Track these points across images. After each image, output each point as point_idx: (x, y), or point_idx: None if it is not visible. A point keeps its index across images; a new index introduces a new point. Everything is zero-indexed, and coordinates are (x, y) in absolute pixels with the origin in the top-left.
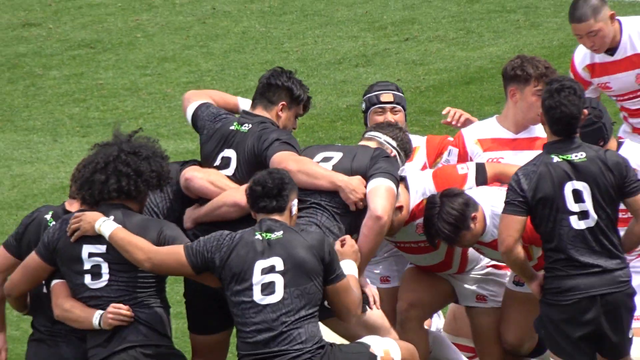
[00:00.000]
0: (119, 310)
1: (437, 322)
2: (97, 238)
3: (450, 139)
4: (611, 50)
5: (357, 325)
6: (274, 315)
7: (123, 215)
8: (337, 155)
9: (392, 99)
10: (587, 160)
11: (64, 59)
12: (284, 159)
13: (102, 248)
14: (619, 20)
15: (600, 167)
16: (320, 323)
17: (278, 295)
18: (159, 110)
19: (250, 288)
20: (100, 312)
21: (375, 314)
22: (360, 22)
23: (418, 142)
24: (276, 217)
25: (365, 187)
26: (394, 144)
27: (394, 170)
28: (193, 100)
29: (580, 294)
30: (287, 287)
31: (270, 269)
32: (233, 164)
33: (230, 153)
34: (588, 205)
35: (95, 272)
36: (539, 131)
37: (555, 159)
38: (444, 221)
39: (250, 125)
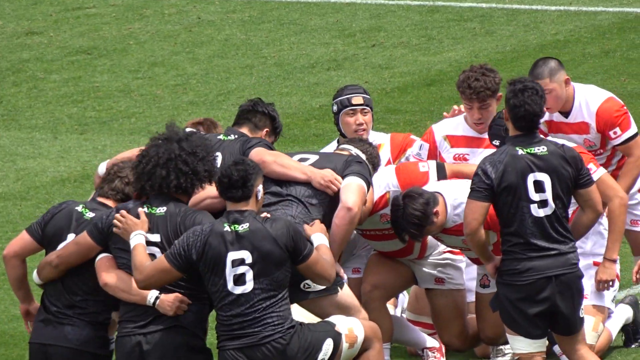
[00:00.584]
0: (184, 302)
1: (402, 301)
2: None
3: (413, 136)
4: (565, 113)
5: (331, 306)
6: (247, 303)
7: (175, 207)
8: (313, 158)
9: (362, 102)
10: (549, 154)
11: (63, 64)
12: (261, 152)
13: (156, 237)
14: (573, 86)
15: (559, 161)
16: (296, 305)
17: (249, 286)
18: (150, 110)
19: (223, 277)
20: (156, 293)
21: (347, 295)
22: (332, 29)
23: (382, 139)
24: (243, 205)
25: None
26: (364, 157)
27: (365, 172)
28: None
29: (537, 274)
30: (256, 277)
31: (240, 262)
32: (217, 163)
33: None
34: (548, 195)
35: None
36: None
37: (520, 151)
38: (408, 222)
39: (236, 136)
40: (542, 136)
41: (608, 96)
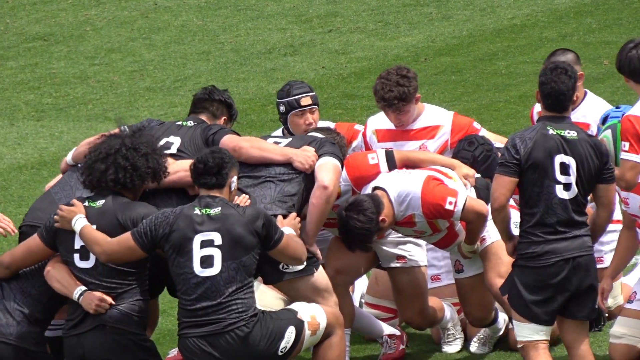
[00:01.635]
0: (104, 301)
1: (361, 285)
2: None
3: (358, 126)
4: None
5: (307, 288)
6: (212, 286)
7: (112, 200)
8: (285, 141)
9: (310, 102)
10: (578, 139)
11: (20, 51)
12: (235, 139)
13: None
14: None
15: (587, 149)
16: (271, 287)
17: (216, 268)
18: (107, 97)
19: (190, 260)
20: (83, 288)
21: (323, 277)
22: (288, 15)
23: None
24: (216, 192)
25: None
26: None
27: (338, 152)
28: None
29: (555, 257)
30: (224, 260)
31: (209, 243)
32: (175, 146)
33: (174, 139)
34: (572, 178)
35: (84, 254)
36: (425, 121)
37: (551, 131)
38: (354, 237)
39: (196, 123)
40: (572, 121)
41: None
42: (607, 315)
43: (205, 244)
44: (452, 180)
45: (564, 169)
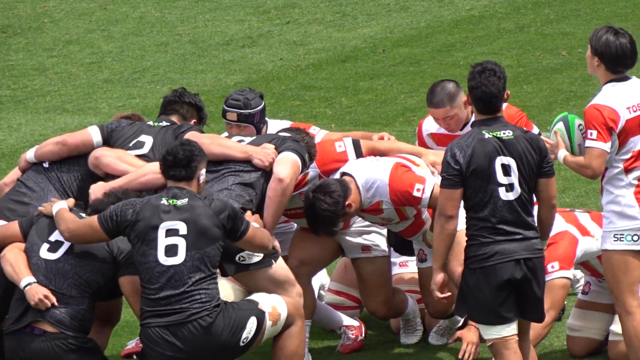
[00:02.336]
0: (48, 299)
1: (319, 278)
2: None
3: (314, 128)
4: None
5: (266, 279)
6: (176, 275)
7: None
8: (248, 139)
9: (235, 119)
10: (514, 138)
11: None
12: (196, 136)
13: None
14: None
15: (525, 145)
16: (230, 279)
17: (180, 257)
18: (65, 88)
19: (154, 248)
20: (33, 279)
21: (282, 269)
22: (246, 6)
23: (283, 127)
24: (184, 184)
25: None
26: None
27: (300, 149)
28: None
29: (504, 257)
30: (189, 250)
31: (174, 232)
32: (147, 146)
33: (145, 138)
34: (514, 179)
35: (55, 247)
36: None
37: (487, 135)
38: (320, 220)
39: (167, 123)
40: (506, 121)
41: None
42: (564, 304)
43: (171, 233)
44: (419, 168)
45: (505, 170)
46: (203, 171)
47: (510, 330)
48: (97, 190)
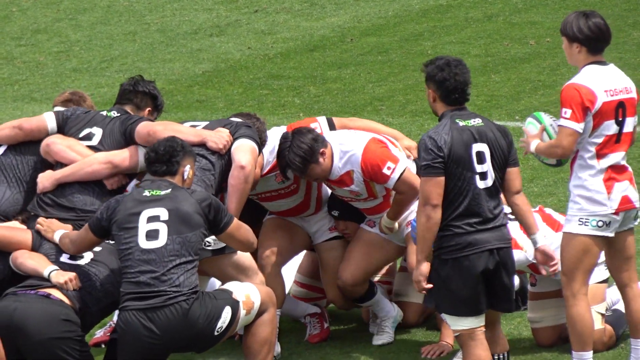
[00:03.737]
0: (75, 281)
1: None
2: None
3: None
4: None
5: (230, 265)
6: (157, 258)
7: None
8: (203, 124)
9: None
10: (484, 126)
11: None
12: (148, 125)
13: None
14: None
15: (494, 133)
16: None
17: (161, 241)
18: (33, 77)
19: (136, 234)
20: (56, 268)
21: (246, 256)
22: None
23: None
24: (168, 179)
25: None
26: None
27: (254, 134)
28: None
29: (479, 248)
30: (170, 234)
31: (155, 218)
32: (97, 138)
33: (96, 130)
34: (487, 166)
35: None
36: None
37: (461, 123)
38: (294, 154)
39: (118, 114)
40: (472, 111)
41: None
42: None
43: (152, 219)
44: (395, 148)
45: (480, 157)
46: (188, 167)
47: (478, 321)
48: (44, 179)
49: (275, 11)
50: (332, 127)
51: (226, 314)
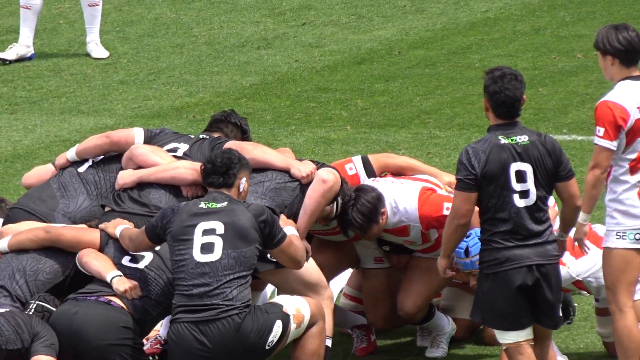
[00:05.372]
0: (136, 290)
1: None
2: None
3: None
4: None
5: (296, 280)
6: (211, 272)
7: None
8: (184, 146)
9: None
10: (530, 144)
11: None
12: (237, 144)
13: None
14: None
15: (540, 151)
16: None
17: (216, 254)
18: (80, 90)
19: (190, 246)
20: (120, 273)
21: (313, 270)
22: (262, 8)
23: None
24: (224, 191)
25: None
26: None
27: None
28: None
29: (516, 263)
30: (225, 248)
31: (211, 232)
32: (181, 151)
33: (181, 145)
34: (529, 185)
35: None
36: None
37: (503, 140)
38: (358, 212)
39: (208, 137)
40: (523, 126)
41: None
42: (575, 305)
43: (207, 232)
44: (441, 190)
45: (520, 176)
46: (244, 180)
47: (524, 335)
48: (126, 175)
49: (322, 24)
50: (367, 165)
51: (277, 327)
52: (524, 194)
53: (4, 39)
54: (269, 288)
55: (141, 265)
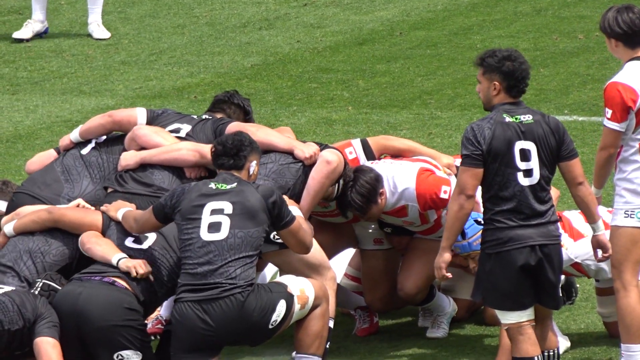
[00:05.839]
0: (144, 267)
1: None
2: None
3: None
4: None
5: (300, 261)
6: (216, 250)
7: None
8: (186, 127)
9: None
10: (534, 123)
11: None
12: (240, 125)
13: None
14: None
15: (544, 130)
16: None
17: (223, 234)
18: (82, 70)
19: (198, 225)
20: (124, 255)
21: (316, 251)
22: None
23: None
24: (234, 173)
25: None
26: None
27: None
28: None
29: (520, 243)
30: (232, 228)
31: (219, 211)
32: (184, 132)
33: (184, 126)
34: (533, 164)
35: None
36: None
37: (507, 119)
38: (357, 193)
39: (210, 117)
40: (527, 106)
41: None
42: (577, 286)
43: (216, 212)
44: (440, 171)
45: (524, 155)
46: (254, 163)
47: (526, 315)
48: (128, 157)
49: (324, 5)
50: (367, 148)
51: (281, 307)
52: (528, 173)
53: (6, 20)
54: (269, 270)
55: (145, 245)
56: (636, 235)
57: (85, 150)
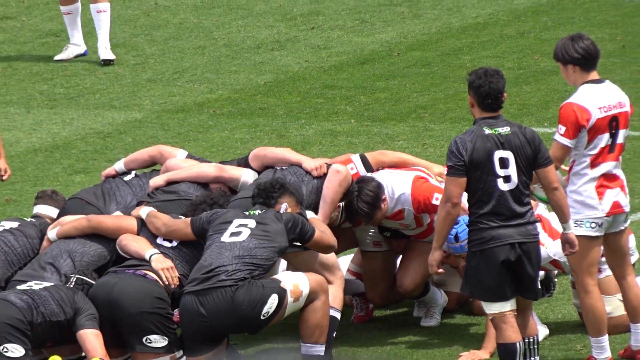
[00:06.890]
0: (173, 271)
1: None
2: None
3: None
4: None
5: (315, 261)
6: (229, 248)
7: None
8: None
9: None
10: (511, 134)
11: (34, 46)
12: (263, 147)
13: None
14: None
15: (520, 140)
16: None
17: (243, 237)
18: (112, 87)
19: (222, 233)
20: (157, 251)
21: (330, 255)
22: (275, 14)
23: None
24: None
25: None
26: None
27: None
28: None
29: (500, 242)
30: (251, 236)
31: (244, 225)
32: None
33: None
34: (511, 171)
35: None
36: None
37: (487, 131)
38: (363, 201)
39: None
40: (505, 118)
41: None
42: (555, 280)
43: (241, 225)
44: (432, 179)
45: (503, 163)
46: (285, 204)
47: (508, 306)
48: (158, 178)
49: (330, 28)
50: (366, 163)
51: (272, 300)
52: (507, 179)
53: (45, 42)
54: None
55: (174, 242)
56: (586, 243)
57: (127, 178)
